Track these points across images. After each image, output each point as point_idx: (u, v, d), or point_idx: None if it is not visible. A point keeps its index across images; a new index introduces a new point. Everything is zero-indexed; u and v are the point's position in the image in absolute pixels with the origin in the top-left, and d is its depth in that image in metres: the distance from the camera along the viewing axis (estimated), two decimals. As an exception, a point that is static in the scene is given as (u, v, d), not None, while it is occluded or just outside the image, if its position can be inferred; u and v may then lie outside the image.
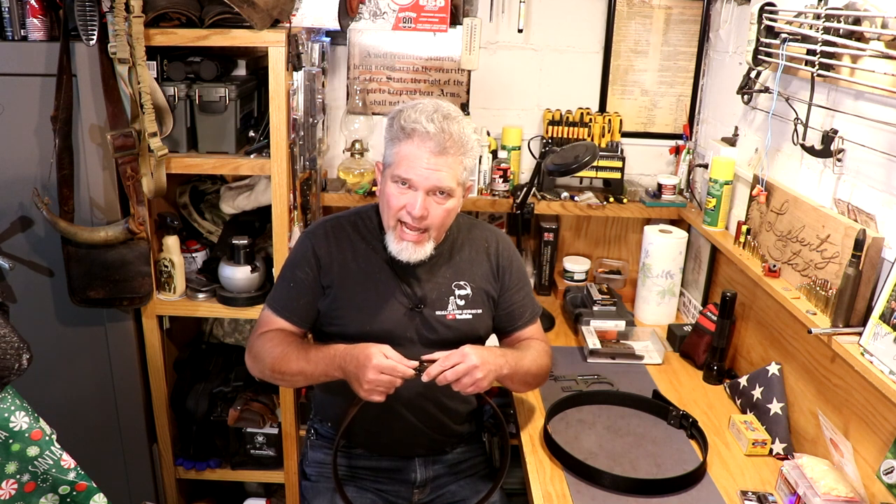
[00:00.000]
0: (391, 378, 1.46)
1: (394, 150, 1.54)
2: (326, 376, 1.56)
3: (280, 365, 1.58)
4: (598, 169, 2.47)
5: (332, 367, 1.53)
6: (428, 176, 1.50)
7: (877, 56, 1.43)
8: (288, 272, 1.68)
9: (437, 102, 1.56)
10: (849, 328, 1.51)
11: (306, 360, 1.57)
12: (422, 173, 1.50)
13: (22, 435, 1.38)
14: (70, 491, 1.42)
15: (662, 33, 2.49)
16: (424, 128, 1.49)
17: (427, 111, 1.52)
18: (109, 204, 1.99)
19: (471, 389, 1.51)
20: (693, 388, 2.03)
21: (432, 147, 1.49)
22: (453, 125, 1.51)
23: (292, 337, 1.65)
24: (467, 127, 1.55)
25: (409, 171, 1.51)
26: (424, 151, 1.50)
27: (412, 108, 1.54)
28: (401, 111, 1.55)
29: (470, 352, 1.51)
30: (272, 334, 1.65)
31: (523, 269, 1.78)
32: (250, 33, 1.90)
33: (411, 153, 1.51)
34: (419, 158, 1.50)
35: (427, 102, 1.55)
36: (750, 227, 2.01)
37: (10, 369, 1.38)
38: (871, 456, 1.47)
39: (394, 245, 1.58)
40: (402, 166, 1.52)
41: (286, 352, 1.59)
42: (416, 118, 1.50)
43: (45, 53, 1.85)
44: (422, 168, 1.50)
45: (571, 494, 1.55)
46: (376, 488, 1.75)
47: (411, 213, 1.52)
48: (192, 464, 2.34)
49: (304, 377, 1.60)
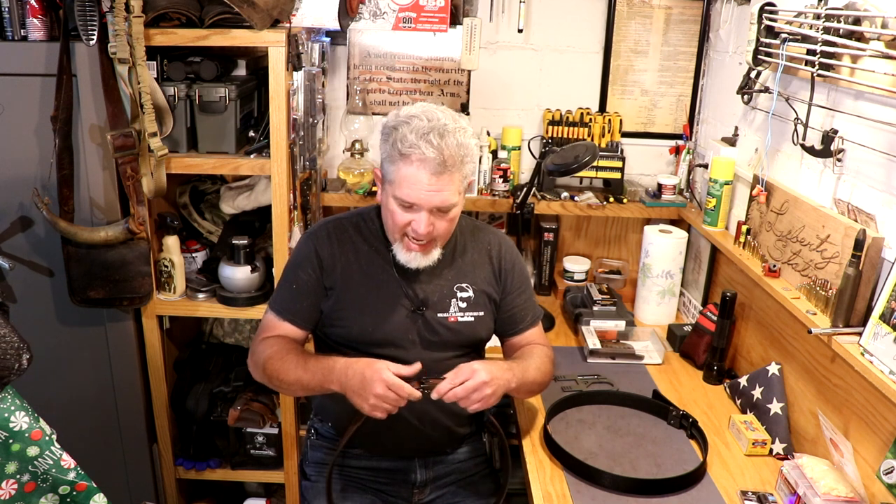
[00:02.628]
0: (397, 397, 1.45)
1: (392, 167, 1.51)
2: (322, 388, 1.54)
3: (278, 373, 1.57)
4: (598, 169, 2.47)
5: (328, 379, 1.51)
6: (430, 198, 1.49)
7: (877, 56, 1.43)
8: (290, 274, 1.67)
9: (431, 113, 1.50)
10: (849, 328, 1.51)
11: (304, 370, 1.55)
12: (424, 196, 1.49)
13: (22, 435, 1.38)
14: (70, 491, 1.42)
15: (662, 33, 2.49)
16: (423, 153, 1.45)
17: (422, 129, 1.46)
18: (109, 204, 1.99)
19: (478, 406, 1.49)
20: (693, 388, 2.03)
21: (432, 168, 1.46)
22: (450, 140, 1.47)
23: (293, 345, 1.64)
24: (464, 134, 1.51)
25: (412, 195, 1.49)
26: (424, 174, 1.47)
27: (406, 124, 1.48)
28: (395, 129, 1.49)
29: (479, 368, 1.49)
30: (272, 341, 1.63)
31: (525, 273, 1.78)
32: (250, 33, 1.90)
33: (411, 175, 1.48)
34: (420, 182, 1.47)
35: (420, 115, 1.49)
36: (750, 227, 2.01)
37: (10, 369, 1.37)
38: (871, 456, 1.47)
39: (402, 255, 1.58)
40: (403, 189, 1.49)
41: (285, 360, 1.58)
42: (413, 142, 1.46)
43: (45, 53, 1.85)
44: (423, 191, 1.48)
45: (571, 494, 1.56)
46: (376, 489, 1.75)
47: (417, 230, 1.52)
48: (192, 464, 2.33)
49: (300, 386, 1.57)
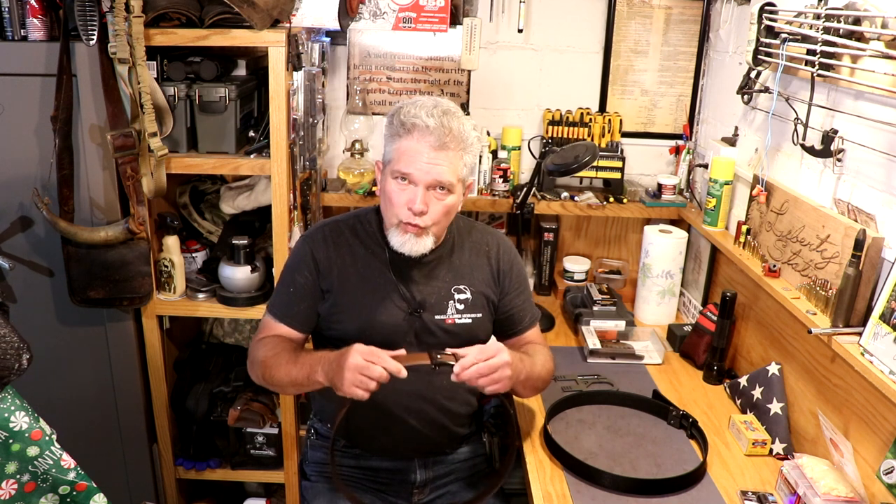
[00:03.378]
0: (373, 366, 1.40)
1: (393, 146, 1.54)
2: (310, 380, 1.52)
3: (271, 371, 1.57)
4: (598, 169, 2.47)
5: (314, 370, 1.50)
6: (428, 170, 1.50)
7: (877, 56, 1.43)
8: (287, 277, 1.68)
9: (437, 99, 1.56)
10: (849, 328, 1.51)
11: (293, 365, 1.55)
12: (422, 167, 1.50)
13: (22, 435, 1.38)
14: (70, 491, 1.42)
15: (662, 33, 2.49)
16: (424, 122, 1.49)
17: (427, 106, 1.52)
18: (109, 204, 1.99)
19: (496, 388, 1.49)
20: (693, 388, 2.03)
21: (432, 141, 1.49)
22: (453, 121, 1.52)
23: (287, 343, 1.63)
24: (467, 123, 1.55)
25: (409, 165, 1.51)
26: (424, 146, 1.50)
27: (411, 104, 1.54)
28: (400, 108, 1.55)
29: (504, 348, 1.51)
30: (267, 340, 1.64)
31: (524, 274, 1.78)
32: (250, 33, 1.90)
33: (411, 148, 1.51)
34: (419, 153, 1.50)
35: (426, 99, 1.55)
36: (750, 227, 2.01)
37: (10, 369, 1.37)
38: (871, 456, 1.47)
39: (397, 239, 1.57)
40: (401, 161, 1.52)
41: (277, 358, 1.58)
42: (416, 113, 1.51)
43: (45, 53, 1.85)
44: (422, 162, 1.50)
45: (571, 494, 1.55)
46: (375, 489, 1.75)
47: (412, 207, 1.52)
48: (192, 464, 2.33)
49: (291, 382, 1.56)
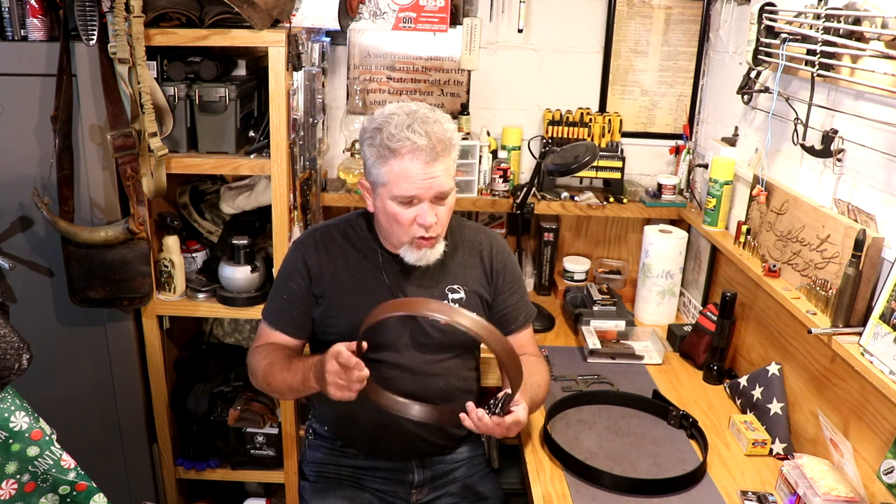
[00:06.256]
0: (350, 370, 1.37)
1: (383, 168, 1.51)
2: (305, 386, 1.53)
3: (269, 380, 1.60)
4: (598, 169, 2.47)
5: (307, 376, 1.51)
6: (430, 185, 1.50)
7: (877, 56, 1.43)
8: (280, 284, 1.69)
9: (406, 108, 1.53)
10: (849, 328, 1.51)
11: (288, 371, 1.56)
12: (423, 185, 1.50)
13: (22, 435, 1.38)
14: (70, 491, 1.42)
15: (662, 33, 2.49)
16: (413, 142, 1.47)
17: (404, 123, 1.48)
18: (109, 204, 1.99)
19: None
20: (693, 388, 2.03)
21: (425, 157, 1.48)
22: (435, 128, 1.50)
23: (280, 351, 1.64)
24: (444, 122, 1.53)
25: (411, 187, 1.50)
26: (418, 164, 1.49)
27: (387, 122, 1.50)
28: (379, 130, 1.51)
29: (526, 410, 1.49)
30: (262, 349, 1.66)
31: (518, 272, 1.78)
32: (250, 33, 1.90)
33: (406, 169, 1.49)
34: (415, 172, 1.49)
35: (397, 112, 1.51)
36: (750, 227, 2.01)
37: (10, 369, 1.37)
38: (871, 456, 1.47)
39: (412, 255, 1.58)
40: (400, 185, 1.50)
41: (272, 367, 1.60)
42: (399, 134, 1.47)
43: (45, 53, 1.85)
44: (421, 181, 1.49)
45: (571, 494, 1.55)
46: (374, 488, 1.75)
47: (423, 224, 1.52)
48: (192, 464, 2.34)
49: (290, 389, 1.58)
